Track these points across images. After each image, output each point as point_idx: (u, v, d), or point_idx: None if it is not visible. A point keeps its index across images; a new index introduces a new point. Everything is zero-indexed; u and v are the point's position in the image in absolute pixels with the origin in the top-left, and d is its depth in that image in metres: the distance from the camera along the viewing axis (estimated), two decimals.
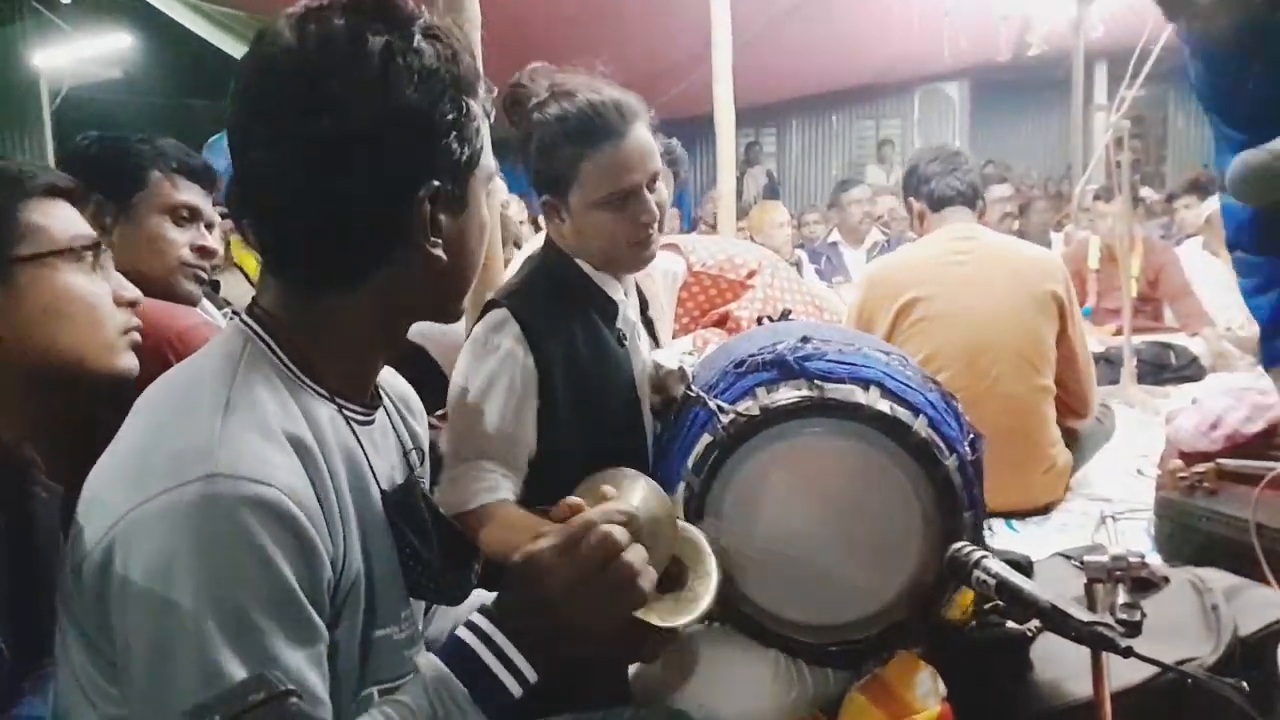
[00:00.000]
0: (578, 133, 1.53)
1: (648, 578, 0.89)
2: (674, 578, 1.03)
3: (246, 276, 3.08)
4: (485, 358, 1.56)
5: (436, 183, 0.87)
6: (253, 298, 0.94)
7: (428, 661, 0.86)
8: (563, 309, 1.61)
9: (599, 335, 1.63)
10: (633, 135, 1.55)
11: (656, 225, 1.61)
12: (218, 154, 3.63)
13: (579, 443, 1.57)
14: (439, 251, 0.89)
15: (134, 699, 0.77)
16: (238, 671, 0.74)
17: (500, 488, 1.52)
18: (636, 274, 1.76)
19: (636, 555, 0.88)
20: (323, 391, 0.89)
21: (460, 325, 1.38)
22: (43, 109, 8.40)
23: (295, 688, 0.56)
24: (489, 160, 0.95)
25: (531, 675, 0.86)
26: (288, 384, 0.87)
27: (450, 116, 0.87)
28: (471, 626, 0.87)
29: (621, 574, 0.86)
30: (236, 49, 7.86)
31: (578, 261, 1.64)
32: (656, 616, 0.97)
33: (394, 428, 1.02)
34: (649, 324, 1.83)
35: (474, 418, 1.54)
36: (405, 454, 1.02)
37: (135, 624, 0.75)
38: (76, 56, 8.20)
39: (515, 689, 0.85)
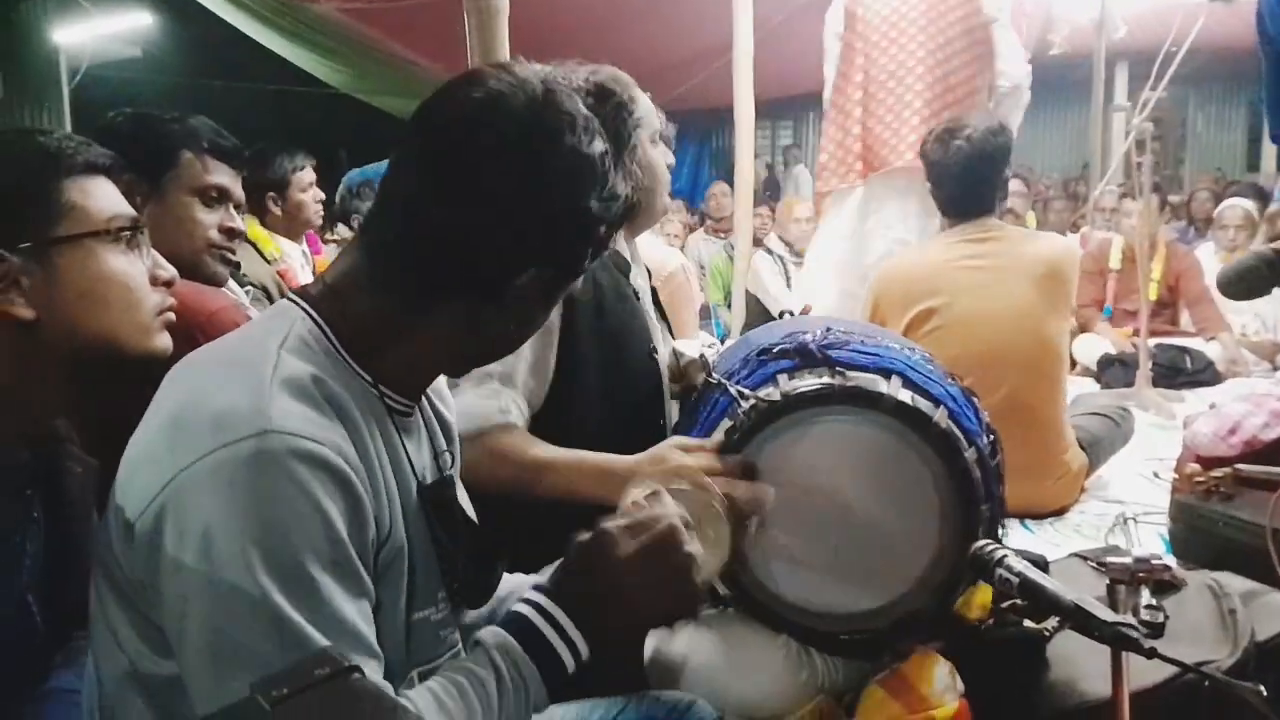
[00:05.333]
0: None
1: (699, 572, 0.95)
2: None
3: (260, 253, 3.08)
4: None
5: (544, 271, 0.91)
6: (319, 276, 0.96)
7: (492, 633, 0.90)
8: None
9: (619, 280, 1.64)
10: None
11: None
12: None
13: (600, 388, 1.56)
14: (508, 321, 0.93)
15: (193, 659, 0.78)
16: (299, 621, 0.76)
17: (510, 410, 1.47)
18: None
19: (695, 548, 0.95)
20: (366, 377, 0.91)
21: None
22: (62, 87, 8.41)
23: (360, 661, 0.56)
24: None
25: (585, 650, 0.91)
26: (333, 360, 0.89)
27: (600, 235, 0.93)
28: (533, 603, 0.92)
29: (681, 562, 0.93)
30: (254, 29, 7.87)
31: None
32: None
33: (426, 427, 1.03)
34: (659, 311, 1.84)
35: None
36: (436, 455, 1.03)
37: (193, 584, 0.76)
38: (96, 34, 8.21)
39: (570, 662, 0.90)
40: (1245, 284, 2.55)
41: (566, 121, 0.87)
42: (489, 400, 1.45)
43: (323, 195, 3.39)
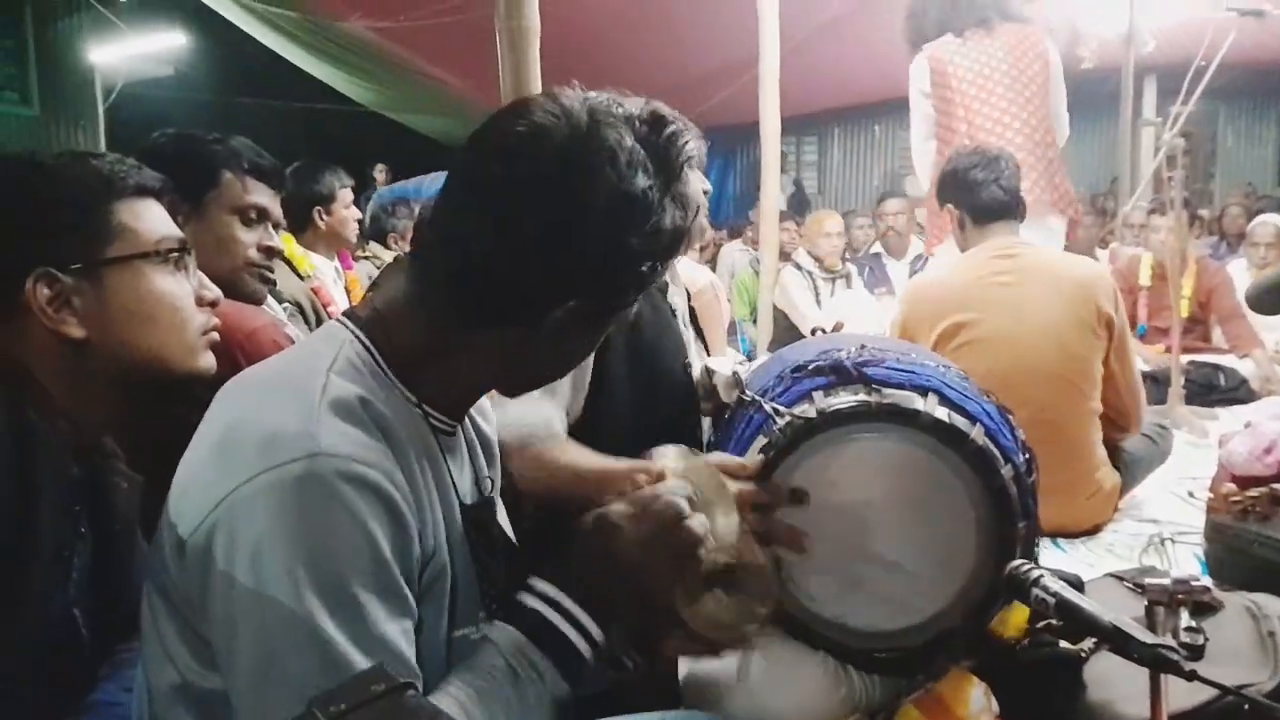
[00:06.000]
0: None
1: (706, 546, 0.93)
2: (737, 584, 1.04)
3: (294, 270, 3.12)
4: None
5: (584, 303, 0.90)
6: (364, 298, 0.98)
7: (499, 630, 0.90)
8: None
9: (654, 298, 1.66)
10: None
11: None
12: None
13: (632, 402, 1.57)
14: (549, 350, 0.94)
15: (239, 675, 0.79)
16: (342, 643, 0.77)
17: (554, 421, 1.49)
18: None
19: (698, 523, 0.93)
20: (412, 397, 0.92)
21: None
22: (97, 105, 8.57)
23: (412, 679, 0.58)
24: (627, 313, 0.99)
25: (598, 634, 0.90)
26: (380, 381, 0.91)
27: (643, 269, 0.91)
28: (539, 593, 0.91)
29: (683, 537, 0.92)
30: (286, 48, 7.99)
31: None
32: (707, 614, 0.99)
33: (469, 448, 1.04)
34: (695, 329, 1.85)
35: None
36: (478, 479, 1.05)
37: (242, 602, 0.78)
38: (131, 53, 8.37)
39: (585, 648, 0.89)
40: (1273, 298, 2.55)
41: (607, 156, 0.86)
42: (533, 412, 1.46)
43: (360, 214, 3.44)
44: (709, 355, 1.92)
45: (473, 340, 0.92)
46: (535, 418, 1.46)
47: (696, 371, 1.73)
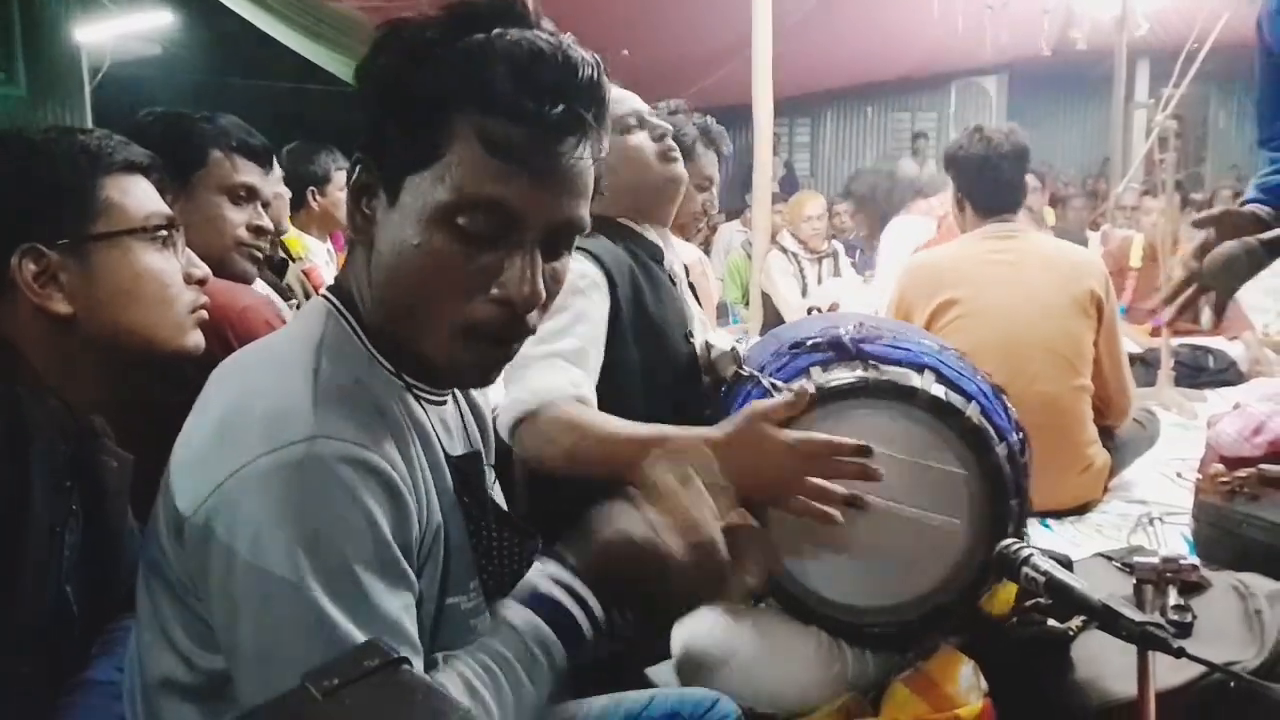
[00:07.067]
0: None
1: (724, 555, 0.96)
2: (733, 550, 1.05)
3: (288, 253, 3.12)
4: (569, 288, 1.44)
5: (416, 176, 0.87)
6: (337, 275, 0.97)
7: (524, 618, 0.91)
8: (619, 247, 1.62)
9: (653, 271, 1.67)
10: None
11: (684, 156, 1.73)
12: None
13: (640, 372, 1.57)
14: (366, 244, 0.91)
15: (241, 654, 0.80)
16: (344, 624, 0.77)
17: (582, 385, 1.43)
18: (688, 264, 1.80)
19: (720, 543, 0.96)
20: (391, 368, 0.92)
21: None
22: (84, 84, 8.48)
23: (405, 654, 0.58)
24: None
25: (603, 618, 0.92)
26: (366, 358, 0.91)
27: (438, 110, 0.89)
28: (564, 585, 0.92)
29: (708, 554, 0.95)
30: (274, 27, 7.91)
31: (618, 220, 1.68)
32: None
33: (462, 417, 1.04)
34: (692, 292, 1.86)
35: (553, 331, 1.46)
36: (469, 443, 1.04)
37: (243, 585, 0.78)
38: (118, 33, 8.27)
39: (589, 631, 0.92)
40: (1227, 270, 2.56)
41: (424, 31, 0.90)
42: (559, 374, 1.43)
43: None
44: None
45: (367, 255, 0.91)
46: (561, 380, 1.42)
47: (699, 343, 1.74)
